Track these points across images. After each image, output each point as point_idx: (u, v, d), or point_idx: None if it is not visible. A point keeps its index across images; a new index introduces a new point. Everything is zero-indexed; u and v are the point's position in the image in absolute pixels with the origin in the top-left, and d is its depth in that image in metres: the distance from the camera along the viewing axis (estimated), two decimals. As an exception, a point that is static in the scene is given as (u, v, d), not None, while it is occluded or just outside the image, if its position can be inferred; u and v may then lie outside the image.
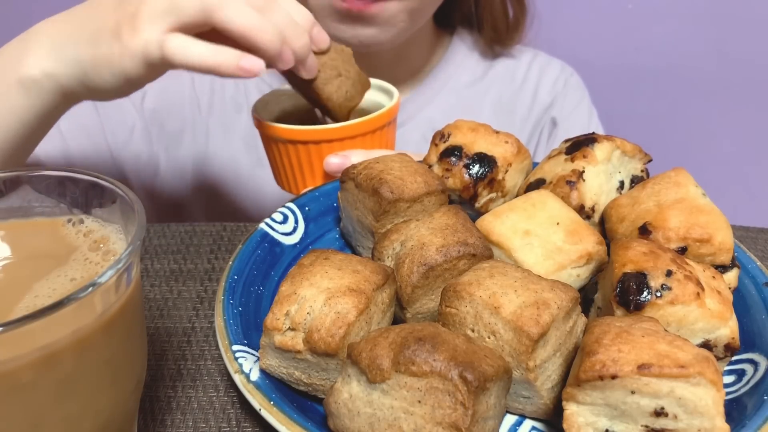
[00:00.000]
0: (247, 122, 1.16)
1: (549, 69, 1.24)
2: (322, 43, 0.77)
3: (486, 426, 0.44)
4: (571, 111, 1.22)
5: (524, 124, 1.22)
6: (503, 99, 1.22)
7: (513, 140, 0.69)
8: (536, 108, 1.22)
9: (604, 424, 0.44)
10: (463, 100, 1.19)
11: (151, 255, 0.76)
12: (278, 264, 0.65)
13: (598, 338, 0.44)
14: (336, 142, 0.80)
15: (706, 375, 0.41)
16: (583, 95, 1.26)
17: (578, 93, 1.25)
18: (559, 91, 1.22)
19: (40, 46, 0.70)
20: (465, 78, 1.21)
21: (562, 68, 1.25)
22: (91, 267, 0.43)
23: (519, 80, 1.23)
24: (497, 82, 1.22)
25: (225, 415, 0.55)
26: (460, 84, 1.20)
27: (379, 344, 0.45)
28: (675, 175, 0.60)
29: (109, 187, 0.46)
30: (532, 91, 1.22)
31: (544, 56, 1.27)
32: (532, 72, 1.23)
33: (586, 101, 1.25)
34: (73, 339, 0.37)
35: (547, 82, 1.23)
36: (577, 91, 1.25)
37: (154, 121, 1.13)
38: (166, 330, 0.65)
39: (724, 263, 0.55)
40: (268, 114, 0.87)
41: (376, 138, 0.83)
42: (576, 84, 1.25)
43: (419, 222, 0.58)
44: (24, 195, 0.47)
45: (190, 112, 1.17)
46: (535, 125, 1.23)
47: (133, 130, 1.11)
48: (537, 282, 0.50)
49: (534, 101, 1.22)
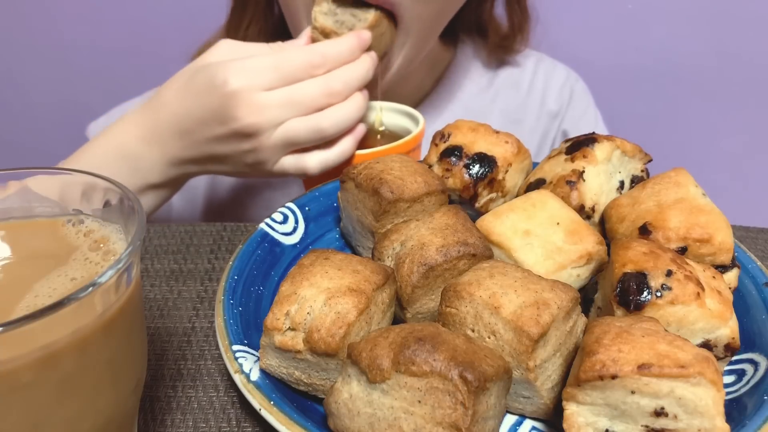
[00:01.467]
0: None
1: (554, 75, 1.23)
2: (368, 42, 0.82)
3: (486, 426, 0.44)
4: (579, 119, 1.22)
5: (533, 134, 1.21)
6: (510, 108, 1.21)
7: (513, 140, 0.69)
8: (544, 117, 1.22)
9: (604, 424, 0.44)
10: (470, 112, 1.18)
11: (151, 255, 0.76)
12: (278, 264, 0.65)
13: (598, 338, 0.44)
14: None
15: (706, 375, 0.41)
16: (589, 101, 1.25)
17: (584, 101, 1.25)
18: (566, 100, 1.22)
19: (161, 159, 0.83)
20: (471, 88, 1.20)
21: (567, 74, 1.25)
22: (91, 267, 0.43)
23: (525, 88, 1.22)
24: (503, 90, 1.21)
25: (225, 415, 0.55)
26: (467, 95, 1.19)
27: (379, 344, 0.45)
28: (675, 175, 0.60)
29: (109, 187, 0.46)
30: (539, 100, 1.22)
31: (548, 60, 1.26)
32: (538, 78, 1.22)
33: (591, 107, 1.25)
34: (73, 339, 0.37)
35: (553, 89, 1.22)
36: (583, 99, 1.24)
37: None
38: (166, 330, 0.65)
39: (724, 263, 0.55)
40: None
41: None
42: (581, 91, 1.25)
43: (419, 222, 0.58)
44: (24, 195, 0.47)
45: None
46: (544, 134, 1.22)
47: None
48: (537, 282, 0.50)
49: (541, 109, 1.21)
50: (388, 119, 0.95)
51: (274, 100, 0.77)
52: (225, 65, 0.76)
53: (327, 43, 0.80)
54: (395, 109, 0.94)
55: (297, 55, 0.78)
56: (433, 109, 1.17)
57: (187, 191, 1.18)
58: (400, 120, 0.93)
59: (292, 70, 0.78)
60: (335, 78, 0.79)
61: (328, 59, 0.79)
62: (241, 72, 0.76)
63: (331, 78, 0.79)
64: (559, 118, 1.22)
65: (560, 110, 1.22)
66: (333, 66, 0.79)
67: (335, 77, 0.79)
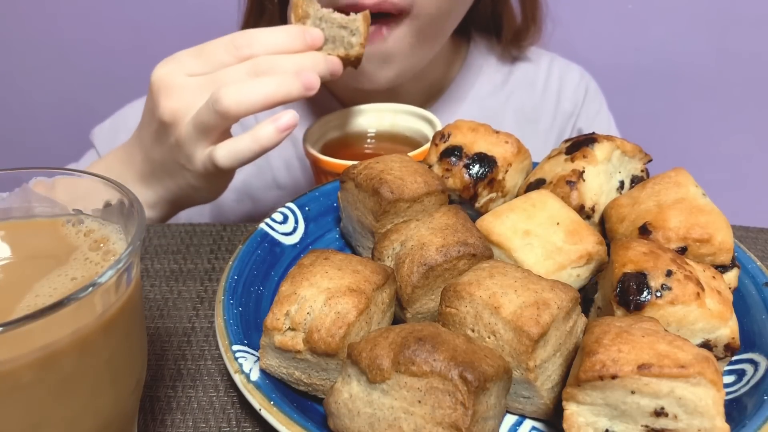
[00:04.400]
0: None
1: (569, 75, 1.23)
2: (319, 43, 0.75)
3: (486, 426, 0.44)
4: (593, 120, 1.22)
5: (548, 134, 1.20)
6: (525, 108, 1.19)
7: (513, 140, 0.69)
8: (559, 117, 1.21)
9: (604, 424, 0.44)
10: (485, 111, 1.16)
11: (151, 255, 0.76)
12: (278, 264, 0.65)
13: (598, 338, 0.44)
14: None
15: (706, 375, 0.41)
16: (602, 102, 1.25)
17: (597, 100, 1.24)
18: (581, 99, 1.21)
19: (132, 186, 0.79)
20: (486, 87, 1.18)
21: (581, 75, 1.24)
22: (91, 267, 0.43)
23: (540, 87, 1.21)
24: (518, 89, 1.20)
25: (225, 415, 0.55)
26: (481, 94, 1.18)
27: (379, 344, 0.45)
28: (675, 175, 0.60)
29: (109, 187, 0.46)
30: (554, 99, 1.21)
31: (561, 60, 1.25)
32: (552, 78, 1.21)
33: (604, 108, 1.24)
34: (73, 339, 0.37)
35: (568, 89, 1.21)
36: (596, 99, 1.24)
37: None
38: (166, 330, 0.65)
39: (724, 263, 0.55)
40: (318, 142, 0.89)
41: None
42: (595, 91, 1.24)
43: (419, 222, 0.58)
44: (24, 195, 0.47)
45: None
46: (559, 135, 1.21)
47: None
48: (537, 282, 0.50)
49: (557, 110, 1.21)
50: (402, 122, 0.93)
51: (192, 83, 0.71)
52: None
53: (259, 29, 0.72)
54: (410, 111, 0.93)
55: (221, 38, 0.72)
56: (447, 108, 1.15)
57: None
58: (415, 123, 0.92)
59: (214, 51, 0.71)
60: (262, 59, 0.70)
61: (254, 41, 0.71)
62: (166, 61, 0.73)
63: (257, 60, 0.70)
64: (574, 117, 1.21)
65: (575, 110, 1.21)
66: (261, 51, 0.71)
67: (262, 59, 0.70)
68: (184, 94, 0.71)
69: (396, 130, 0.94)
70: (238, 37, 0.71)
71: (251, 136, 0.68)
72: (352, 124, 0.94)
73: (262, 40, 0.71)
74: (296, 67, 0.70)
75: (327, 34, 0.76)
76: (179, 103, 0.71)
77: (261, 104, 0.68)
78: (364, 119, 0.94)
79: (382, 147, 0.92)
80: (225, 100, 0.66)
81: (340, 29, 0.76)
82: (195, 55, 0.72)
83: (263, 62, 0.70)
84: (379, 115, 0.94)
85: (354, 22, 0.75)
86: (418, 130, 0.91)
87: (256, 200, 1.16)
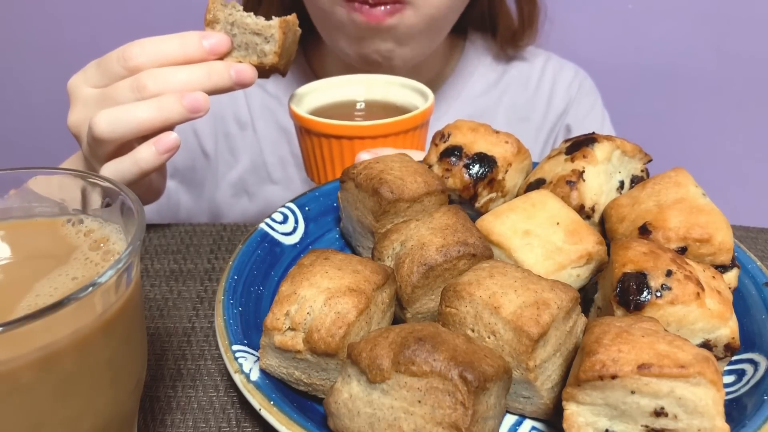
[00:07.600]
0: (252, 139, 1.16)
1: (563, 74, 1.22)
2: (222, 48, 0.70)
3: (486, 426, 0.44)
4: (584, 116, 1.21)
5: (539, 132, 1.20)
6: (517, 106, 1.20)
7: (513, 140, 0.69)
8: (550, 115, 1.21)
9: (604, 424, 0.44)
10: (477, 109, 1.17)
11: (151, 255, 0.76)
12: (278, 264, 0.65)
13: (598, 338, 0.44)
14: (369, 139, 0.81)
15: (706, 375, 0.41)
16: (596, 99, 1.24)
17: (591, 98, 1.23)
18: (573, 96, 1.21)
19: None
20: (479, 86, 1.19)
21: (576, 73, 1.24)
22: (91, 267, 0.43)
23: (533, 86, 1.21)
24: (511, 88, 1.20)
25: (225, 415, 0.55)
26: (474, 92, 1.18)
27: (379, 344, 0.45)
28: (675, 175, 0.60)
29: (109, 187, 0.46)
30: (546, 98, 1.20)
31: (557, 59, 1.25)
32: (546, 77, 1.21)
33: (598, 105, 1.24)
34: (73, 339, 0.37)
35: (561, 87, 1.21)
36: (590, 96, 1.23)
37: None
38: (166, 330, 0.65)
39: (724, 263, 0.55)
40: (304, 106, 0.88)
41: (408, 138, 0.84)
42: (589, 88, 1.24)
43: (419, 222, 0.58)
44: (24, 195, 0.47)
45: (195, 143, 1.17)
46: (550, 133, 1.21)
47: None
48: (537, 282, 0.50)
49: (548, 108, 1.20)
50: (397, 94, 0.93)
51: (90, 97, 0.69)
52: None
53: (153, 38, 0.69)
54: (405, 84, 0.92)
55: (118, 49, 0.68)
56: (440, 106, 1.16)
57: (194, 187, 1.18)
58: (410, 96, 0.91)
59: (108, 62, 0.68)
60: (146, 74, 0.66)
61: (142, 52, 0.67)
62: (80, 72, 0.71)
63: (142, 75, 0.66)
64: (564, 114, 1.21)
65: (567, 107, 1.21)
66: (149, 63, 0.67)
67: (147, 73, 0.66)
68: (83, 108, 0.70)
69: (388, 100, 0.93)
70: (128, 48, 0.68)
71: (131, 158, 0.66)
72: (342, 92, 0.93)
73: (150, 51, 0.67)
74: (182, 84, 0.66)
75: (239, 41, 0.72)
76: (79, 116, 0.70)
77: (136, 131, 0.65)
78: (353, 89, 0.94)
79: (373, 115, 0.90)
80: (98, 127, 0.65)
81: (253, 35, 0.71)
82: (96, 66, 0.70)
83: (146, 78, 0.66)
84: (369, 86, 0.94)
85: (269, 29, 0.71)
86: (411, 102, 0.91)
87: (251, 195, 1.17)
